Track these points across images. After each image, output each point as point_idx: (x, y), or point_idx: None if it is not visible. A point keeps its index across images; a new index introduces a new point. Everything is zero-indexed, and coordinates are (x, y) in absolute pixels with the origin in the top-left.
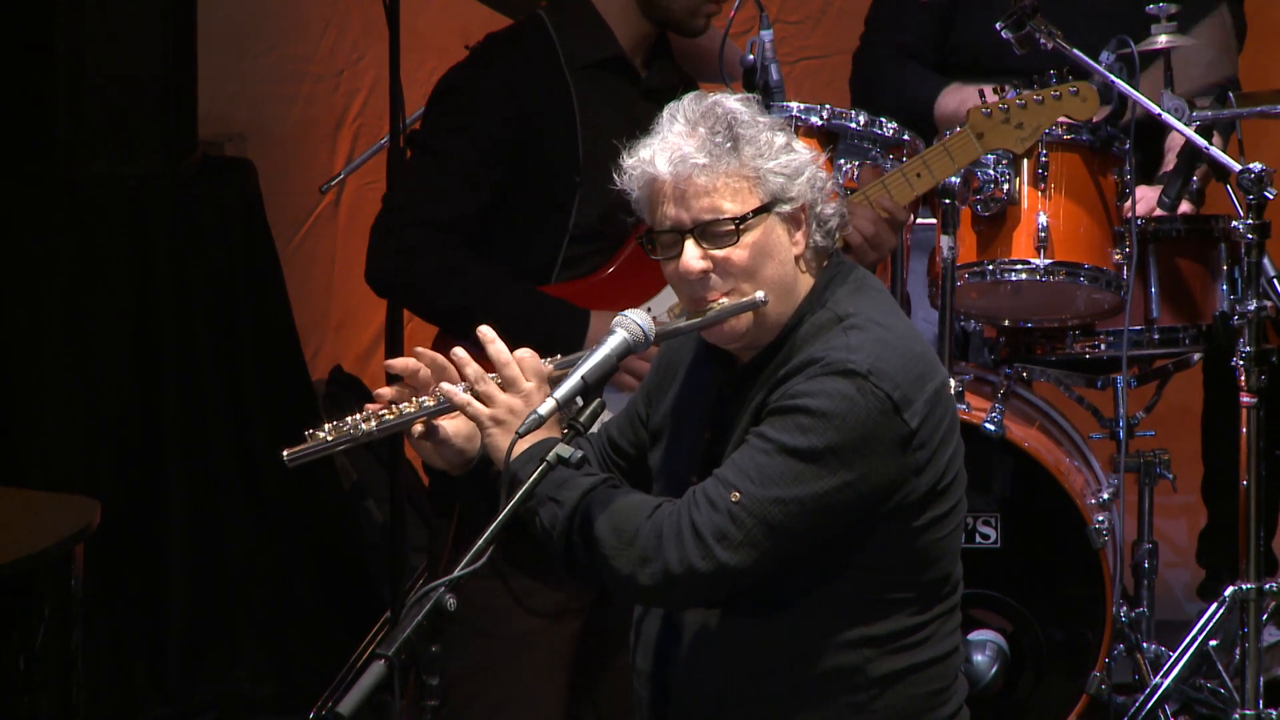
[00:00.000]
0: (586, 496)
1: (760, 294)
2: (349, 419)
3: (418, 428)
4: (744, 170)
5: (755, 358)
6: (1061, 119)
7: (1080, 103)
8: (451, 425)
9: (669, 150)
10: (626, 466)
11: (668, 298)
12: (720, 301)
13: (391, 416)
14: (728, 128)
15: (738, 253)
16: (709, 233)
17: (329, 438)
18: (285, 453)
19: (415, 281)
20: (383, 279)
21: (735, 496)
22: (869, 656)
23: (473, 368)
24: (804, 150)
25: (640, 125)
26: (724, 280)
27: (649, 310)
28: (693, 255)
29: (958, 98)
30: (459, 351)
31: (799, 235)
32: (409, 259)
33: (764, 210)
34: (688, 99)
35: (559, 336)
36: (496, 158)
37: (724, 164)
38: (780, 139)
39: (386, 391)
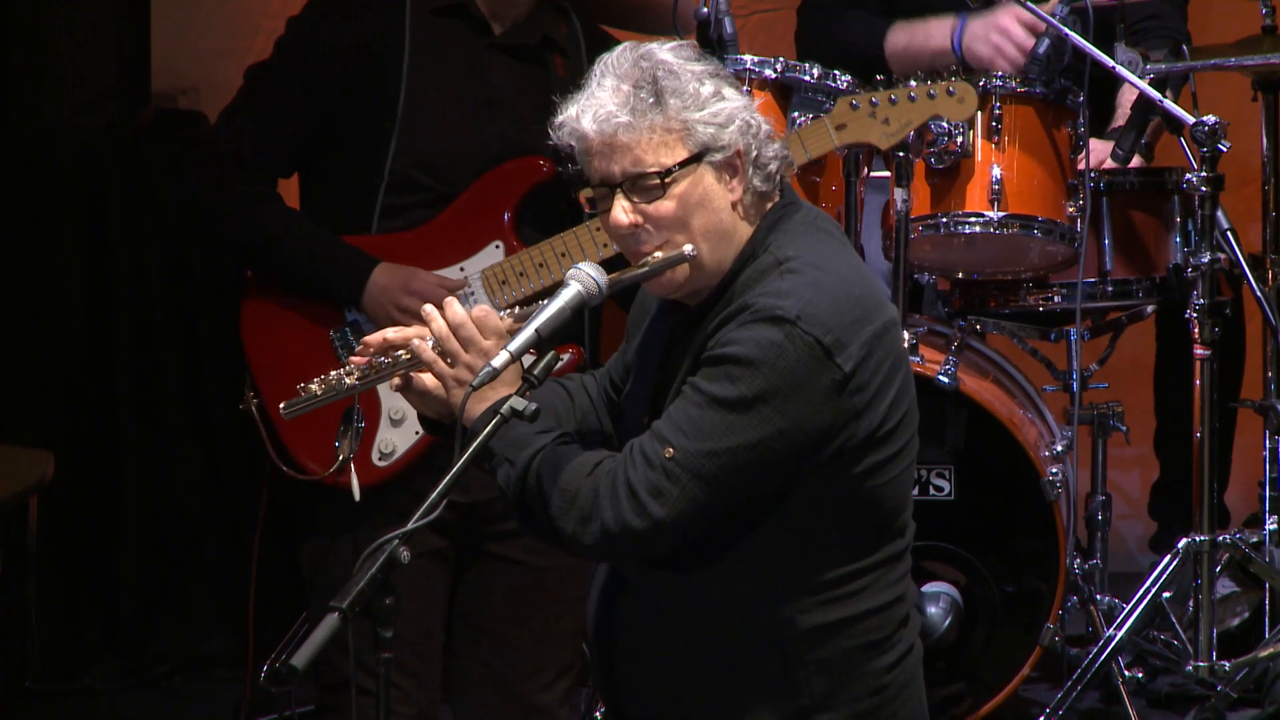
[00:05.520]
0: (536, 455)
1: (688, 248)
2: (334, 374)
3: (396, 381)
4: (670, 124)
5: (700, 303)
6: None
7: (956, 104)
8: (429, 379)
9: (594, 108)
10: (620, 401)
11: (485, 258)
12: (655, 255)
13: (372, 371)
14: (653, 81)
15: (665, 205)
16: (636, 187)
17: (318, 391)
18: (281, 406)
19: (207, 213)
20: (179, 209)
21: (669, 452)
22: (802, 607)
23: (438, 324)
24: (736, 96)
25: (488, 78)
26: (656, 233)
27: (462, 270)
28: (621, 210)
29: (906, 34)
30: (429, 308)
31: (735, 182)
32: (204, 191)
33: (692, 161)
34: (617, 52)
35: (340, 282)
36: (309, 98)
37: (648, 119)
38: (708, 88)
39: (372, 340)
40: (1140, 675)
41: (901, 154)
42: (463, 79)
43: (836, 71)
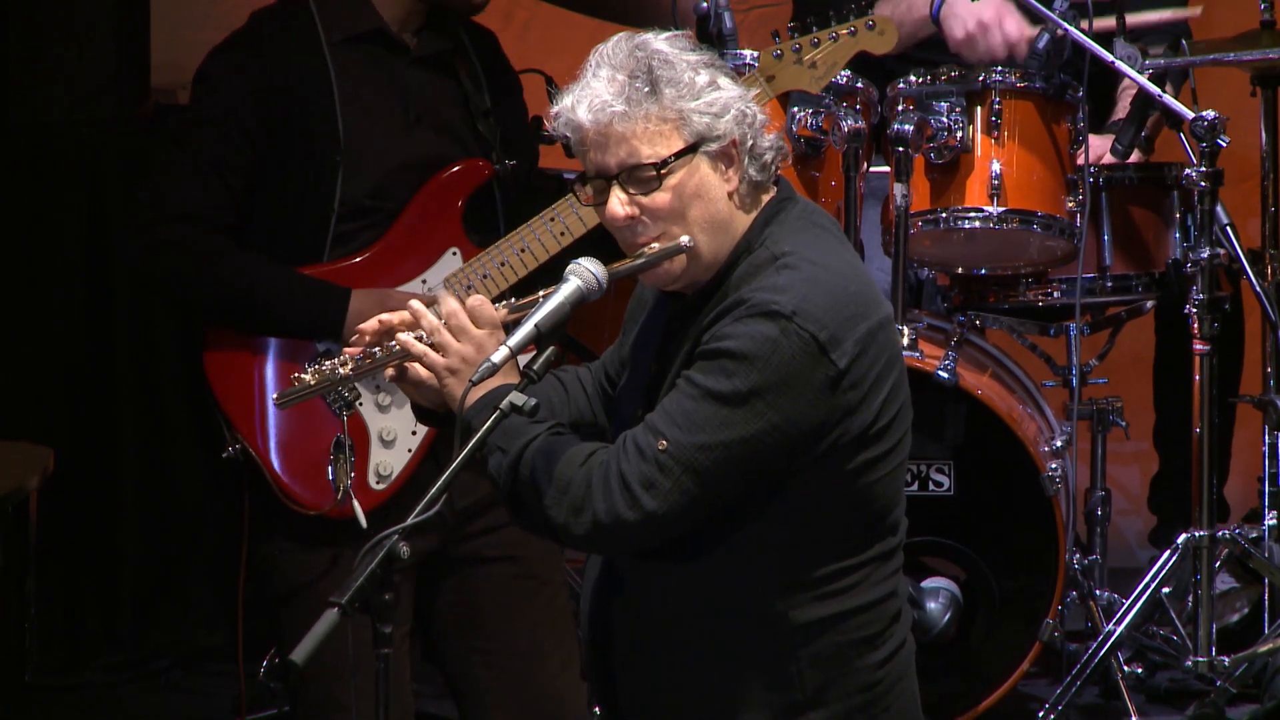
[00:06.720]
0: (530, 445)
1: (685, 239)
2: (327, 364)
3: (389, 371)
4: (665, 113)
5: (696, 295)
6: (862, 51)
7: (878, 37)
8: (424, 369)
9: (589, 98)
10: (616, 395)
11: (444, 267)
12: (652, 246)
13: (366, 361)
14: (648, 71)
15: (661, 197)
16: (632, 179)
17: (311, 381)
18: (274, 396)
19: (170, 278)
20: (138, 275)
21: (662, 444)
22: (795, 603)
23: (427, 319)
24: (731, 86)
25: (412, 95)
26: (652, 225)
27: (424, 282)
28: (617, 202)
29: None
30: (415, 304)
31: (731, 172)
32: (160, 256)
33: (688, 152)
34: (613, 42)
35: (320, 318)
36: (246, 143)
37: (643, 109)
38: (704, 77)
39: (366, 331)
40: (1140, 670)
41: (901, 148)
42: (390, 99)
43: None
